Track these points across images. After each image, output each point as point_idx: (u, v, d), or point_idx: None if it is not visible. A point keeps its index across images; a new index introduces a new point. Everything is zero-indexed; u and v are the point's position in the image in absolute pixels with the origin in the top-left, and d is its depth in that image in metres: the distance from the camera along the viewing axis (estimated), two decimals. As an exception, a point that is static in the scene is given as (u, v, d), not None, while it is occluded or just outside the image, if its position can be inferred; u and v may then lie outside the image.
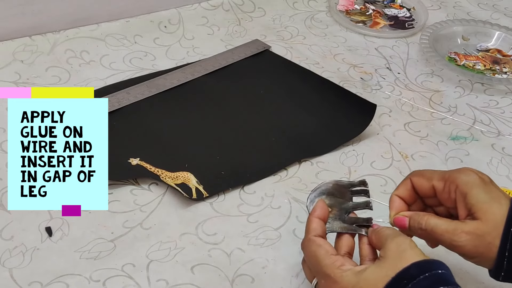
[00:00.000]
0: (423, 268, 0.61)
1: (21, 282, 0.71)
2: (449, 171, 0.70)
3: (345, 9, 1.21)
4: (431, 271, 0.61)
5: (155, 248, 0.76)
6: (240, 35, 1.12)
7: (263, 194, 0.84)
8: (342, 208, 0.71)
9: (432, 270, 0.61)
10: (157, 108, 0.94)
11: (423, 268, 0.61)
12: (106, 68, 1.02)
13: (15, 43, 1.03)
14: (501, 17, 1.24)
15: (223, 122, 0.94)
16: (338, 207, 0.71)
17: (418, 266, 0.61)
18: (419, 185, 0.71)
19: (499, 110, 1.02)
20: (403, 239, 0.64)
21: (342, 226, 0.69)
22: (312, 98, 0.99)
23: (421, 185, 0.71)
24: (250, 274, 0.74)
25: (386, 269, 0.62)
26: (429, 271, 0.61)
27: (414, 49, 1.14)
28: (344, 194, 0.72)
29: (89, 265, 0.73)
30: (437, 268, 0.62)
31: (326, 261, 0.65)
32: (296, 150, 0.90)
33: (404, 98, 1.02)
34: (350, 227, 0.69)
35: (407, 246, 0.63)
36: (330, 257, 0.65)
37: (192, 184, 0.83)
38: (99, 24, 1.09)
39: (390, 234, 0.65)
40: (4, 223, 0.77)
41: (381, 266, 0.63)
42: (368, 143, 0.93)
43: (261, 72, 1.04)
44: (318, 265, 0.65)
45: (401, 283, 0.60)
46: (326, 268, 0.64)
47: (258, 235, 0.79)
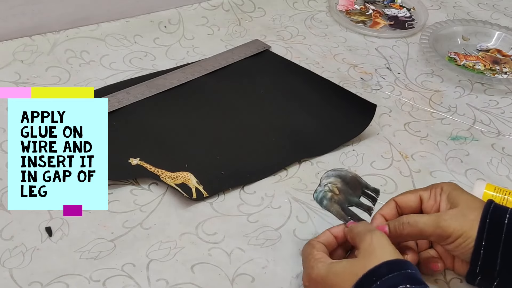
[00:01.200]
0: (392, 267, 0.63)
1: (21, 282, 0.71)
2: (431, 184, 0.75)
3: (345, 9, 1.21)
4: (400, 270, 0.63)
5: (155, 247, 0.76)
6: (240, 35, 1.12)
7: (263, 194, 0.84)
8: (348, 198, 0.74)
9: (402, 269, 0.63)
10: (157, 108, 0.94)
11: (393, 267, 0.63)
12: (106, 68, 1.02)
13: (15, 43, 1.03)
14: (501, 17, 1.24)
15: (223, 122, 0.94)
16: (345, 196, 0.74)
17: (388, 265, 0.63)
18: (405, 200, 0.74)
19: (499, 110, 1.02)
20: (375, 237, 0.66)
21: (338, 211, 0.73)
22: (312, 98, 0.99)
23: (407, 199, 0.74)
24: (250, 274, 0.74)
25: (356, 267, 0.64)
26: (398, 270, 0.63)
27: (414, 49, 1.14)
28: (356, 189, 0.75)
29: (89, 265, 0.73)
30: (407, 268, 0.64)
31: (309, 255, 0.69)
32: (296, 150, 0.90)
33: (404, 98, 1.02)
34: (344, 216, 0.73)
35: (377, 244, 0.66)
36: (313, 251, 0.69)
37: (192, 184, 0.83)
38: (99, 24, 1.09)
39: (361, 231, 0.68)
40: (4, 223, 0.77)
41: (353, 263, 0.66)
42: (368, 143, 0.93)
43: (261, 72, 1.04)
44: (304, 259, 0.69)
45: (370, 280, 0.62)
46: (306, 260, 0.69)
47: (258, 235, 0.79)
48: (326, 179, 0.74)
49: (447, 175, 0.89)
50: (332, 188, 0.74)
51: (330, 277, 0.65)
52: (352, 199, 0.74)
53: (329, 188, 0.74)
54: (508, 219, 0.68)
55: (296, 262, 0.76)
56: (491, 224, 0.68)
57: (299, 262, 0.75)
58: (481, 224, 0.68)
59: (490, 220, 0.68)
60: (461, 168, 0.90)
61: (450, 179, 0.88)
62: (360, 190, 0.75)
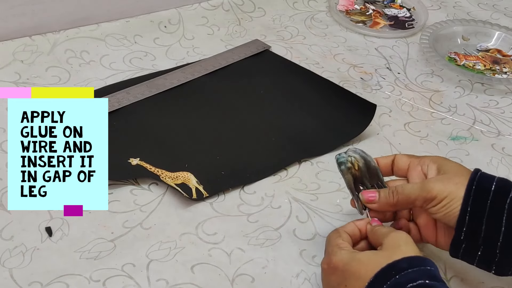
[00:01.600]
0: (412, 263, 0.64)
1: (21, 282, 0.71)
2: None
3: (345, 9, 1.21)
4: (420, 266, 0.64)
5: (155, 248, 0.76)
6: (240, 35, 1.12)
7: (263, 194, 0.84)
8: (362, 179, 0.75)
9: (421, 266, 0.64)
10: (157, 108, 0.94)
11: (413, 263, 0.64)
12: (106, 68, 1.02)
13: (15, 43, 1.03)
14: (501, 17, 1.24)
15: (223, 122, 0.94)
16: (361, 176, 0.75)
17: (409, 260, 0.64)
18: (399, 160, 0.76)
19: (499, 110, 1.02)
20: (400, 235, 0.68)
21: (350, 182, 0.75)
22: (312, 98, 0.99)
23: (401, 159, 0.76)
24: (250, 274, 0.74)
25: (380, 258, 0.65)
26: (418, 266, 0.64)
27: (414, 49, 1.14)
28: (373, 178, 0.76)
29: (89, 265, 0.73)
30: (427, 265, 0.64)
31: (334, 242, 0.69)
32: (296, 150, 0.90)
33: (404, 98, 1.02)
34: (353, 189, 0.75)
35: (402, 241, 0.67)
36: (337, 239, 0.69)
37: (192, 184, 0.83)
38: (99, 24, 1.09)
39: (386, 231, 0.69)
40: (4, 223, 0.77)
41: (377, 254, 0.67)
42: (368, 143, 0.93)
43: (261, 72, 1.04)
44: (328, 245, 0.70)
45: (389, 273, 0.63)
46: (329, 246, 0.69)
47: (258, 235, 0.79)
48: (352, 152, 0.76)
49: (447, 175, 0.89)
50: (353, 162, 0.76)
51: (353, 264, 0.66)
52: (366, 182, 0.75)
53: (352, 160, 0.76)
54: (494, 186, 0.69)
55: (296, 262, 0.76)
56: (477, 190, 0.68)
57: (299, 262, 0.75)
58: (467, 190, 0.69)
59: (477, 186, 0.69)
60: (461, 168, 0.90)
61: (450, 179, 0.88)
62: (375, 181, 0.76)
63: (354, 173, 0.75)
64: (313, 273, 0.75)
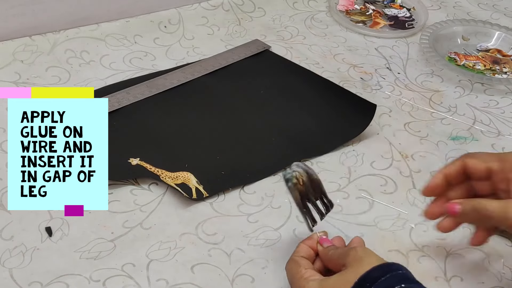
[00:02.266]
0: (384, 270, 0.63)
1: (21, 282, 0.71)
2: (504, 152, 0.71)
3: (345, 9, 1.21)
4: (392, 272, 0.63)
5: (155, 248, 0.76)
6: (240, 35, 1.12)
7: (263, 194, 0.84)
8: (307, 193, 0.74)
9: (393, 271, 0.63)
10: (157, 108, 0.94)
11: (384, 270, 0.64)
12: (106, 68, 1.02)
13: (15, 43, 1.03)
14: (501, 17, 1.24)
15: (223, 122, 0.94)
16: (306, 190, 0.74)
17: (379, 268, 0.64)
18: (473, 166, 0.72)
19: (499, 110, 1.02)
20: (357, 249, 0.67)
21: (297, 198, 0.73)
22: (312, 98, 0.99)
23: (475, 166, 0.72)
24: (250, 274, 0.74)
25: (348, 277, 0.64)
26: (389, 272, 0.63)
27: (414, 49, 1.14)
28: (316, 192, 0.75)
29: (89, 265, 0.73)
30: (397, 269, 0.64)
31: (297, 275, 0.68)
32: (296, 150, 0.90)
33: (404, 98, 1.02)
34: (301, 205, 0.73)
35: (363, 254, 0.66)
36: (301, 270, 0.68)
37: (192, 184, 0.83)
38: (99, 24, 1.09)
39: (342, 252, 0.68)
40: (4, 223, 0.77)
41: (343, 274, 0.66)
42: (368, 143, 0.93)
43: (261, 72, 1.04)
44: (292, 278, 0.69)
45: (363, 286, 0.63)
46: (296, 279, 0.68)
47: (258, 235, 0.79)
48: (296, 167, 0.75)
49: (447, 175, 0.89)
50: (298, 177, 0.74)
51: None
52: (311, 196, 0.75)
53: (297, 175, 0.74)
54: None
55: (296, 262, 0.76)
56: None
57: (299, 262, 0.75)
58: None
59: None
60: (461, 168, 0.90)
61: (450, 179, 0.88)
62: (319, 194, 0.76)
63: (300, 189, 0.74)
64: (313, 273, 0.75)
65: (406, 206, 0.84)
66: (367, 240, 0.77)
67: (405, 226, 0.81)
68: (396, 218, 0.82)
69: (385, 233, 0.80)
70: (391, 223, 0.82)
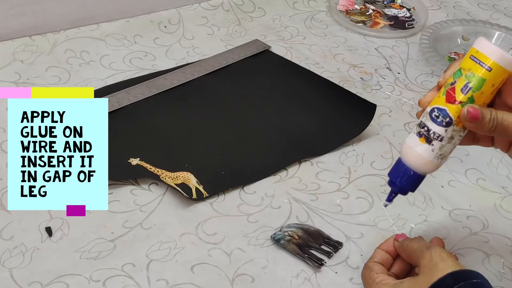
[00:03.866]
0: (458, 278, 0.61)
1: (21, 282, 0.71)
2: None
3: (345, 9, 1.21)
4: (466, 280, 0.61)
5: (155, 248, 0.76)
6: (240, 35, 1.12)
7: (263, 194, 0.84)
8: (307, 243, 0.77)
9: (467, 279, 0.61)
10: (157, 108, 0.94)
11: (459, 278, 0.61)
12: (106, 68, 1.02)
13: (15, 43, 1.03)
14: (501, 17, 1.24)
15: (223, 122, 0.94)
16: (305, 241, 0.77)
17: (453, 276, 0.62)
18: None
19: (499, 110, 1.02)
20: (434, 252, 0.65)
21: (295, 249, 0.76)
22: (312, 98, 0.99)
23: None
24: (250, 274, 0.74)
25: (421, 282, 0.63)
26: (464, 280, 0.61)
27: (414, 49, 1.14)
28: (318, 239, 0.78)
29: (89, 265, 0.73)
30: (473, 277, 0.62)
31: (370, 280, 0.69)
32: (296, 150, 0.90)
33: (404, 98, 1.02)
34: (301, 253, 0.76)
35: (438, 258, 0.64)
36: (373, 275, 0.68)
37: (192, 184, 0.83)
38: (99, 24, 1.09)
39: (417, 248, 0.67)
40: (4, 223, 0.76)
41: (416, 279, 0.64)
42: (368, 143, 0.93)
43: (261, 72, 1.04)
44: (366, 284, 0.69)
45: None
46: (369, 285, 0.68)
47: (258, 235, 0.79)
48: (287, 228, 0.78)
49: (447, 175, 0.89)
50: (292, 234, 0.77)
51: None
52: (311, 244, 0.77)
53: (289, 234, 0.77)
54: None
55: (296, 262, 0.76)
56: None
57: (299, 262, 0.75)
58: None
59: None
60: (461, 168, 0.90)
61: (450, 179, 0.88)
62: (321, 241, 0.77)
63: (297, 242, 0.76)
64: (313, 273, 0.75)
65: (406, 206, 0.84)
66: (367, 240, 0.77)
67: (405, 226, 0.81)
68: (396, 218, 0.82)
69: (385, 233, 0.80)
70: (391, 223, 0.82)
